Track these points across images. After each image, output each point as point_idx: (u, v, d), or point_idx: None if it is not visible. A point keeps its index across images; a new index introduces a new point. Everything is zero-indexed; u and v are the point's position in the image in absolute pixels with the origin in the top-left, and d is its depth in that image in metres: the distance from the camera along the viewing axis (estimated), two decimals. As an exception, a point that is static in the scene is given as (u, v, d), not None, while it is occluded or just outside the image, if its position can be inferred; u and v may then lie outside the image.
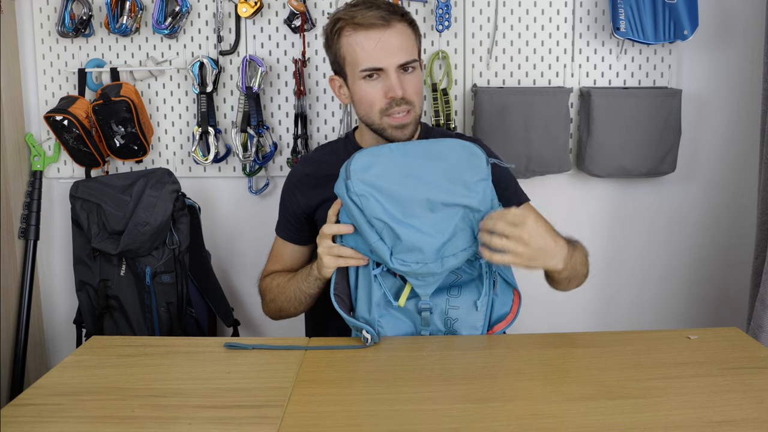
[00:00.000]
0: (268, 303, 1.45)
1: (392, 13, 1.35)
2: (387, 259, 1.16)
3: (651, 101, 1.92)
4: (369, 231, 1.16)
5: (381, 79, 1.34)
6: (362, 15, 1.32)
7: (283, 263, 1.50)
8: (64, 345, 2.10)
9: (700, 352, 1.15)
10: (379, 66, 1.33)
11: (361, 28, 1.33)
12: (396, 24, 1.34)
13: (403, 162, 1.18)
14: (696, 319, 2.13)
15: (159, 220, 1.77)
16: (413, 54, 1.37)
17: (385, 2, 1.38)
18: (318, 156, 1.53)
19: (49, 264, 2.10)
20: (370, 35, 1.32)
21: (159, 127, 2.02)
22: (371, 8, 1.34)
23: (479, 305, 1.23)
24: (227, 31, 1.97)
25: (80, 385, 1.07)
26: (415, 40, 1.39)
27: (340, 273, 1.26)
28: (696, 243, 2.11)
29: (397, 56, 1.33)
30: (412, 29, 1.39)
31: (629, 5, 1.85)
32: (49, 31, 1.97)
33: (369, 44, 1.32)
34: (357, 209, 1.16)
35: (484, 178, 1.18)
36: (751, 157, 2.01)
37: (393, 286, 1.23)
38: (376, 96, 1.35)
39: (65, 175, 2.03)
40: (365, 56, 1.33)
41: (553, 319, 1.95)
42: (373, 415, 0.95)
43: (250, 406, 0.99)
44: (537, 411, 0.95)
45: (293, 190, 1.49)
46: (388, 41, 1.33)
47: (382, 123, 1.36)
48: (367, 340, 1.18)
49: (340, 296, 1.25)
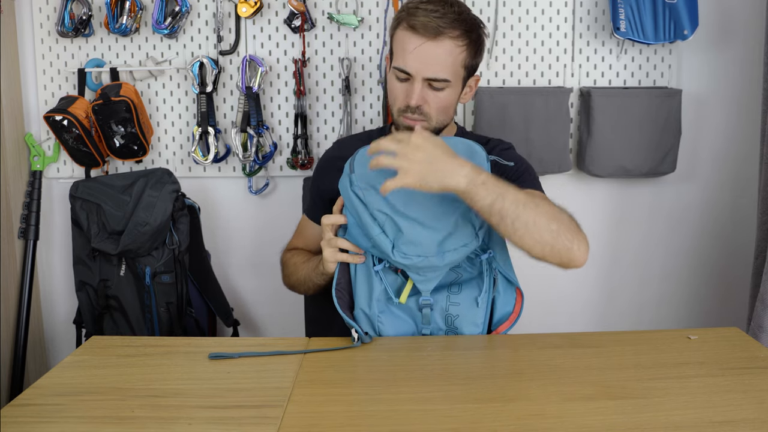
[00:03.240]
0: (287, 276, 1.48)
1: (452, 27, 1.30)
2: (389, 252, 1.17)
3: (651, 101, 1.92)
4: (371, 224, 1.17)
5: (408, 83, 1.35)
6: (421, 17, 1.30)
7: (305, 241, 1.53)
8: (64, 345, 2.10)
9: (700, 352, 1.15)
10: (408, 71, 1.33)
11: (411, 30, 1.32)
12: (446, 40, 1.30)
13: None
14: (696, 319, 2.13)
15: (159, 220, 1.77)
16: (449, 74, 1.33)
17: (458, 7, 1.33)
18: (351, 141, 1.56)
19: (49, 264, 2.10)
20: (414, 40, 1.31)
21: (159, 127, 2.02)
22: (436, 12, 1.30)
23: (480, 301, 1.23)
24: (227, 31, 1.97)
25: (80, 385, 1.07)
26: (465, 60, 1.35)
27: (343, 269, 1.27)
28: (696, 243, 2.11)
29: (428, 69, 1.32)
30: (468, 48, 1.34)
31: (629, 5, 1.85)
32: (49, 31, 1.97)
33: (409, 47, 1.32)
34: (360, 203, 1.18)
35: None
36: (751, 157, 2.01)
37: (394, 283, 1.24)
38: (399, 95, 1.37)
39: (65, 175, 2.03)
40: (402, 56, 1.34)
41: (553, 319, 1.95)
42: (373, 415, 0.95)
43: (250, 406, 0.99)
44: (537, 411, 0.95)
45: (321, 172, 1.53)
46: (427, 52, 1.31)
47: (398, 119, 1.40)
48: (354, 339, 1.19)
49: (341, 292, 1.25)
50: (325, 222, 1.27)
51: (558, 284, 2.07)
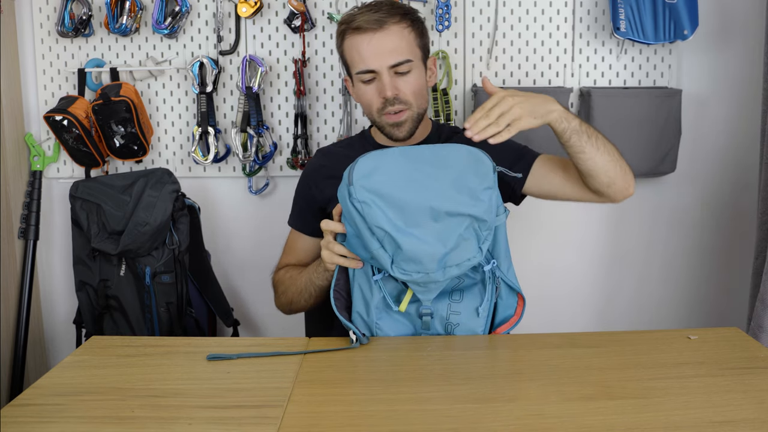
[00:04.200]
0: (280, 295, 1.46)
1: (390, 15, 1.37)
2: (388, 267, 1.15)
3: (651, 101, 1.92)
4: (370, 238, 1.14)
5: (376, 81, 1.39)
6: (359, 19, 1.37)
7: (297, 256, 1.51)
8: (64, 345, 2.10)
9: (700, 352, 1.15)
10: (372, 68, 1.38)
11: (357, 32, 1.38)
12: (391, 26, 1.37)
13: (408, 168, 1.16)
14: (696, 319, 2.13)
15: (159, 220, 1.77)
16: (408, 54, 1.39)
17: (387, 3, 1.41)
18: (334, 149, 1.58)
19: (49, 264, 2.10)
20: (364, 38, 1.37)
21: (159, 127, 2.02)
22: (370, 11, 1.38)
23: (480, 311, 1.22)
24: (227, 31, 1.97)
25: (80, 385, 1.07)
26: (415, 40, 1.41)
27: (342, 268, 1.26)
28: (696, 243, 2.11)
29: (388, 58, 1.37)
30: (413, 29, 1.41)
31: (629, 5, 1.85)
32: (49, 31, 1.97)
33: (362, 47, 1.38)
34: (359, 215, 1.15)
35: (490, 186, 1.17)
36: (751, 157, 2.01)
37: (394, 290, 1.22)
38: (373, 97, 1.41)
39: (65, 175, 2.03)
40: (359, 59, 1.39)
41: (553, 319, 1.95)
42: (373, 415, 0.95)
43: (250, 406, 0.99)
44: (537, 411, 0.95)
45: (308, 182, 1.52)
46: (380, 43, 1.37)
47: (381, 121, 1.43)
48: (352, 341, 1.18)
49: (339, 292, 1.25)
50: (324, 228, 1.26)
51: (558, 284, 2.07)
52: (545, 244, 2.07)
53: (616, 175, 1.32)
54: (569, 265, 2.10)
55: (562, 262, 2.09)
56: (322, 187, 1.48)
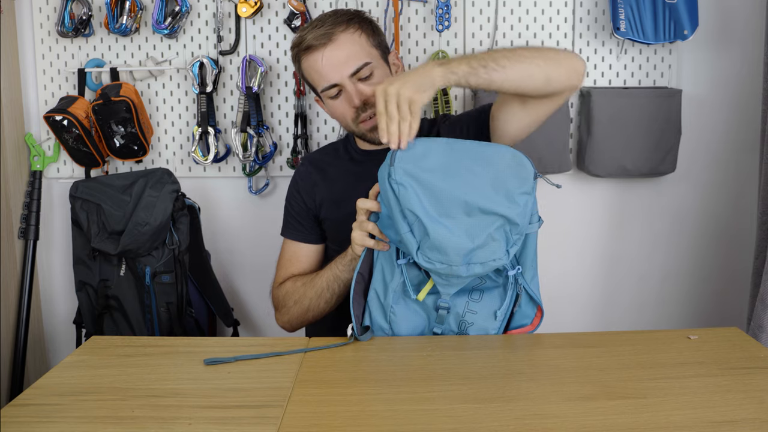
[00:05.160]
0: (290, 308, 1.43)
1: (336, 24, 1.36)
2: (413, 252, 1.14)
3: (651, 101, 1.92)
4: (401, 221, 1.14)
5: (343, 93, 1.38)
6: (308, 38, 1.36)
7: (299, 266, 1.49)
8: (64, 345, 2.10)
9: (700, 352, 1.15)
10: (333, 82, 1.37)
11: (309, 51, 1.37)
12: (340, 36, 1.36)
13: (450, 159, 1.16)
14: (696, 319, 2.13)
15: (159, 220, 1.77)
16: (365, 58, 1.37)
17: (331, 14, 1.40)
18: (320, 156, 1.57)
19: (49, 264, 2.10)
20: (317, 55, 1.36)
21: (159, 127, 2.02)
22: (316, 27, 1.37)
23: (498, 315, 1.22)
24: (227, 31, 1.97)
25: (80, 385, 1.07)
26: (368, 41, 1.40)
27: (367, 259, 1.25)
28: (696, 243, 2.11)
29: (345, 67, 1.36)
30: (362, 31, 1.39)
31: (629, 5, 1.85)
32: (49, 31, 1.97)
33: (318, 65, 1.37)
34: (394, 196, 1.14)
35: (528, 191, 1.16)
36: (751, 157, 2.01)
37: (416, 278, 1.22)
38: (345, 109, 1.40)
39: (65, 175, 2.03)
40: (319, 77, 1.38)
41: (553, 319, 1.94)
42: (373, 415, 0.95)
43: (250, 406, 0.99)
44: (537, 411, 0.95)
45: (297, 190, 1.52)
46: (333, 56, 1.36)
47: (359, 130, 1.42)
48: (348, 335, 1.20)
49: (362, 275, 1.25)
50: (360, 206, 1.25)
51: (558, 284, 2.07)
52: (545, 244, 2.05)
53: (544, 74, 1.23)
54: (569, 265, 2.10)
55: (562, 262, 2.09)
56: (312, 195, 1.49)
